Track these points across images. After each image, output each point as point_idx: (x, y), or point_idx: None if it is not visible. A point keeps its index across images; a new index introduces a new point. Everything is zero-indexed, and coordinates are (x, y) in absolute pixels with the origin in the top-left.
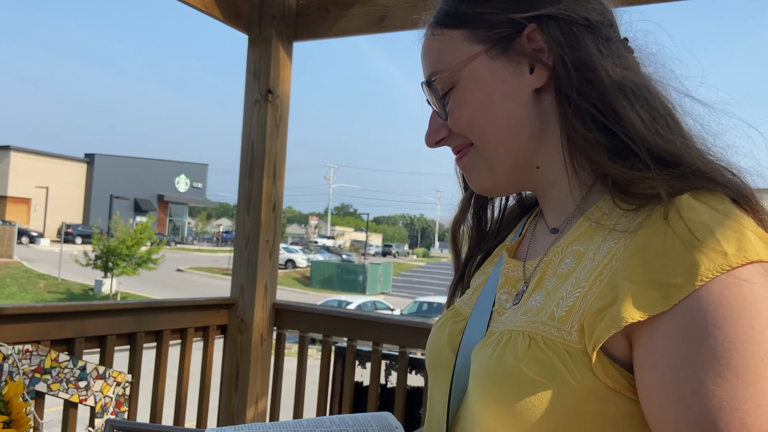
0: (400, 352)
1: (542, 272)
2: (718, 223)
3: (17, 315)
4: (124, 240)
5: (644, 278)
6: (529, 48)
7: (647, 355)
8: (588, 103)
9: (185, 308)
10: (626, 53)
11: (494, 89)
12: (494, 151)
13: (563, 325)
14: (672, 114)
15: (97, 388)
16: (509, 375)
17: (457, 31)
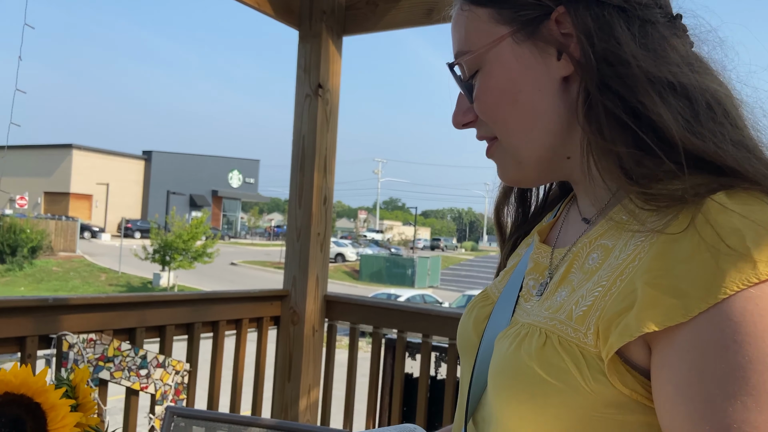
0: (450, 344)
1: (569, 264)
2: (751, 229)
3: (82, 305)
4: (180, 234)
5: (665, 284)
6: (558, 33)
7: (663, 366)
8: (610, 103)
9: (240, 299)
10: (673, 35)
11: (519, 76)
12: (519, 144)
13: (580, 325)
14: (723, 105)
15: (157, 376)
16: (521, 372)
17: (483, 9)
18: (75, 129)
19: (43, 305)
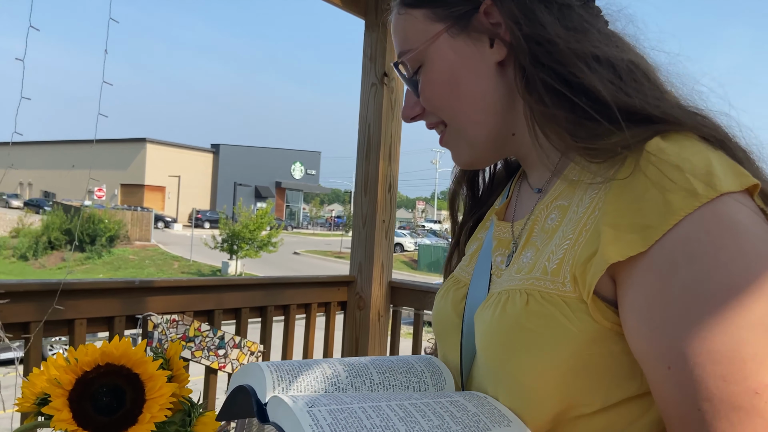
0: None
1: (530, 230)
2: (686, 161)
3: (165, 288)
4: (247, 225)
5: (623, 223)
6: (488, 23)
7: (626, 294)
8: (545, 76)
9: (309, 284)
10: (589, 15)
11: (458, 66)
12: (467, 127)
13: (556, 277)
14: (642, 68)
15: (234, 356)
16: (512, 332)
17: (419, 10)
18: (148, 123)
19: (130, 287)
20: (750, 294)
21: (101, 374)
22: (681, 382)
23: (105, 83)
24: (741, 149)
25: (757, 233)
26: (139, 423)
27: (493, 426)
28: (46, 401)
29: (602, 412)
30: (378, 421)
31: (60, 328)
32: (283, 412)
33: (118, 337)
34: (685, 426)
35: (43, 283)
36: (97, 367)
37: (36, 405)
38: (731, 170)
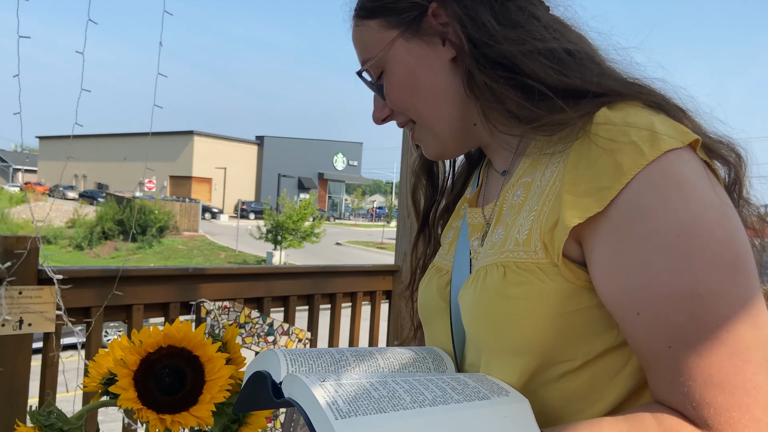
0: None
1: (499, 209)
2: (632, 126)
3: (217, 275)
4: (290, 215)
5: (580, 189)
6: (437, 24)
7: (592, 252)
8: (488, 72)
9: (355, 273)
10: (530, 5)
11: (416, 67)
12: (432, 122)
13: (528, 246)
14: (581, 49)
15: (282, 343)
16: (494, 303)
17: (373, 20)
18: (195, 116)
19: (184, 274)
20: (700, 236)
21: (164, 356)
22: (650, 326)
23: (160, 75)
24: (679, 109)
25: (700, 183)
26: (199, 403)
27: (492, 396)
28: (111, 381)
29: (586, 366)
30: (385, 392)
31: (119, 313)
32: (297, 387)
33: (179, 321)
34: (660, 365)
35: (103, 269)
36: (160, 348)
37: (102, 384)
38: (673, 129)
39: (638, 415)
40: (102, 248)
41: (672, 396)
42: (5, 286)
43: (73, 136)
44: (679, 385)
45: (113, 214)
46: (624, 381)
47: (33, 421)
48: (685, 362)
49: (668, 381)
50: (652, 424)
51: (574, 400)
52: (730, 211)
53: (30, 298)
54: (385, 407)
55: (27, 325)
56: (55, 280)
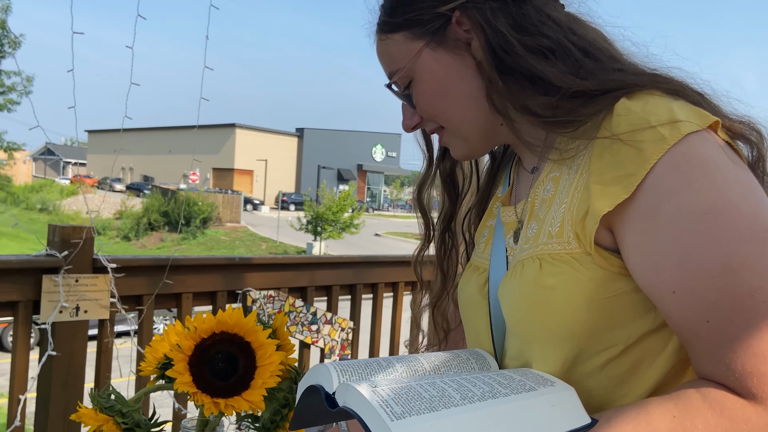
0: None
1: (531, 205)
2: (651, 113)
3: (262, 265)
4: (330, 207)
5: (606, 178)
6: (461, 31)
7: (624, 238)
8: (508, 77)
9: (396, 263)
10: (546, 5)
11: (443, 75)
12: (462, 126)
13: (561, 238)
14: (597, 45)
15: (326, 332)
16: (533, 294)
17: (398, 34)
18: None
19: (231, 264)
20: (726, 212)
21: (217, 341)
22: (686, 303)
23: (206, 68)
24: (696, 93)
25: (723, 162)
26: (251, 388)
27: (538, 387)
28: (166, 366)
29: (627, 351)
30: (435, 392)
31: (169, 301)
32: (351, 396)
33: (231, 308)
34: (700, 341)
35: (155, 258)
36: (213, 334)
37: (158, 369)
38: (692, 113)
39: (683, 392)
40: (148, 239)
41: (715, 370)
42: (63, 274)
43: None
44: (720, 358)
45: (159, 205)
46: (665, 362)
47: (94, 403)
48: (724, 335)
49: (709, 356)
50: (697, 399)
51: (619, 385)
52: (754, 186)
53: (86, 285)
54: (436, 406)
55: (83, 312)
56: (109, 269)
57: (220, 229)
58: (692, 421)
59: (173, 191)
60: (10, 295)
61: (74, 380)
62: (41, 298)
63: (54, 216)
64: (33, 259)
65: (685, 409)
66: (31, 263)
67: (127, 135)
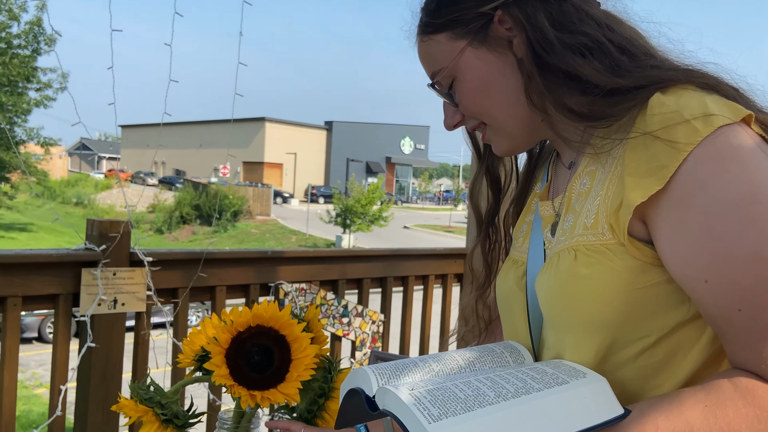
0: None
1: (568, 199)
2: (685, 107)
3: (294, 258)
4: (359, 199)
5: (640, 170)
6: (503, 30)
7: (657, 229)
8: (548, 73)
9: (427, 257)
10: (583, 3)
11: (486, 73)
12: (504, 122)
13: (595, 230)
14: (634, 42)
15: (357, 324)
16: (569, 284)
17: (440, 34)
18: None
19: (263, 257)
20: (759, 203)
21: (252, 335)
22: (718, 291)
23: (240, 64)
24: (731, 88)
25: (755, 154)
26: (287, 381)
27: (570, 380)
28: (203, 358)
29: (661, 341)
30: (470, 392)
31: (203, 294)
32: (390, 399)
33: (266, 302)
34: (732, 330)
35: (189, 252)
36: (249, 327)
37: (195, 361)
38: (725, 106)
39: (715, 381)
40: (180, 232)
41: (747, 358)
42: (101, 267)
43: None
44: (752, 346)
45: (190, 199)
46: (699, 353)
47: (133, 395)
48: (755, 323)
49: (742, 344)
50: (728, 388)
51: (653, 376)
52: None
53: (123, 279)
54: (471, 405)
55: (121, 304)
56: (146, 263)
57: (250, 222)
58: (723, 409)
59: (204, 185)
60: (51, 288)
61: (112, 371)
62: (80, 291)
63: (89, 210)
64: (72, 253)
65: (717, 398)
66: (71, 257)
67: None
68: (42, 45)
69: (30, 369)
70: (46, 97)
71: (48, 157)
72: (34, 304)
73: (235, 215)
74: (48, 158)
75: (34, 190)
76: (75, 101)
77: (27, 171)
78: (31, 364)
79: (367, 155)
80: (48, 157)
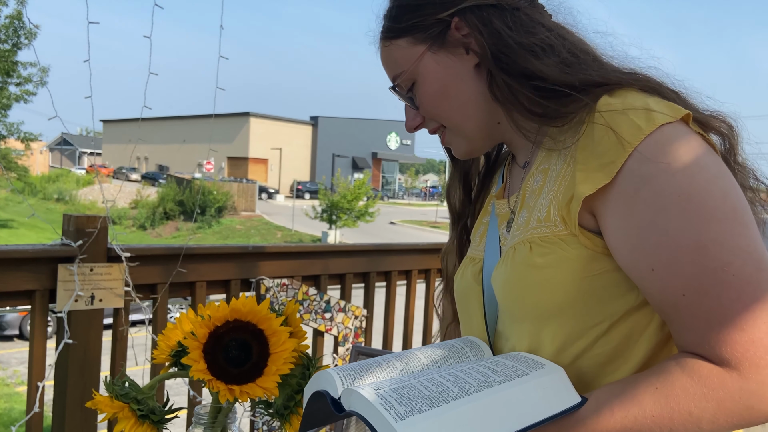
0: None
1: (522, 196)
2: (630, 107)
3: (276, 253)
4: (345, 195)
5: (590, 166)
6: (460, 36)
7: (606, 220)
8: (505, 74)
9: (410, 252)
10: (535, 12)
11: (444, 76)
12: (462, 125)
13: (548, 222)
14: (581, 48)
15: (339, 320)
16: (525, 274)
17: (401, 39)
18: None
19: (244, 252)
20: (698, 195)
21: (230, 329)
22: (664, 279)
23: (222, 57)
24: (671, 91)
25: (692, 148)
26: (265, 375)
27: (530, 371)
28: (180, 353)
29: (613, 328)
30: (434, 388)
31: (183, 290)
32: (355, 399)
33: (245, 296)
34: (678, 315)
35: (168, 248)
36: (227, 322)
37: (171, 357)
38: (666, 107)
39: (663, 364)
40: (164, 228)
41: (692, 341)
42: (77, 263)
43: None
44: (696, 329)
45: (174, 195)
46: (650, 339)
47: (108, 390)
48: (699, 307)
49: (687, 328)
50: (676, 370)
51: (608, 363)
52: (724, 172)
53: (100, 275)
54: (437, 402)
55: (98, 300)
56: (123, 258)
57: (235, 218)
58: (673, 390)
59: (188, 180)
60: (27, 284)
61: (90, 368)
62: (57, 287)
63: (70, 206)
64: (48, 248)
65: (666, 380)
66: (47, 252)
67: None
68: (22, 39)
69: (11, 367)
70: (27, 91)
71: (28, 153)
72: (10, 300)
73: (219, 211)
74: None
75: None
76: (55, 96)
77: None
78: (12, 362)
79: (353, 151)
80: (28, 153)
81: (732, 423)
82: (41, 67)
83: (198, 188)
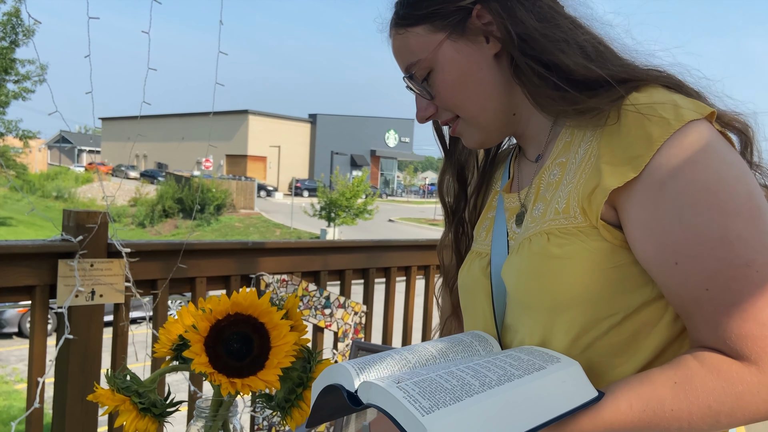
0: None
1: (536, 189)
2: (657, 103)
3: (276, 249)
4: (343, 193)
5: (617, 158)
6: (481, 24)
7: (629, 213)
8: (530, 62)
9: (409, 248)
10: (555, 4)
11: (464, 65)
12: (479, 114)
13: (567, 214)
14: (601, 43)
15: (339, 316)
16: (542, 264)
17: (418, 26)
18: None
19: (244, 248)
20: (724, 191)
21: (232, 322)
22: (688, 273)
23: (221, 53)
24: (693, 90)
25: (719, 146)
26: (266, 368)
27: (546, 365)
28: (181, 347)
29: (626, 320)
30: (455, 382)
31: (183, 286)
32: (375, 393)
33: (245, 290)
34: (699, 310)
35: (168, 243)
36: (228, 315)
37: (172, 350)
38: (692, 104)
39: (681, 358)
40: (163, 226)
41: (711, 336)
42: (78, 259)
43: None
44: (717, 324)
45: (173, 192)
46: (661, 333)
47: (110, 384)
48: (721, 302)
49: (707, 323)
50: (695, 364)
51: (618, 354)
52: (747, 170)
53: (101, 270)
54: (460, 395)
55: (99, 296)
56: (124, 253)
57: (234, 215)
58: (692, 384)
59: (187, 178)
60: (28, 280)
61: (91, 364)
62: (57, 283)
63: (69, 203)
64: (48, 243)
65: (685, 374)
66: (47, 248)
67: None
68: (20, 36)
69: (10, 364)
70: (25, 89)
71: (27, 150)
72: (10, 296)
73: (218, 209)
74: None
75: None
76: (55, 93)
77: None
78: (12, 360)
79: (352, 148)
80: (27, 150)
81: (750, 417)
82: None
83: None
